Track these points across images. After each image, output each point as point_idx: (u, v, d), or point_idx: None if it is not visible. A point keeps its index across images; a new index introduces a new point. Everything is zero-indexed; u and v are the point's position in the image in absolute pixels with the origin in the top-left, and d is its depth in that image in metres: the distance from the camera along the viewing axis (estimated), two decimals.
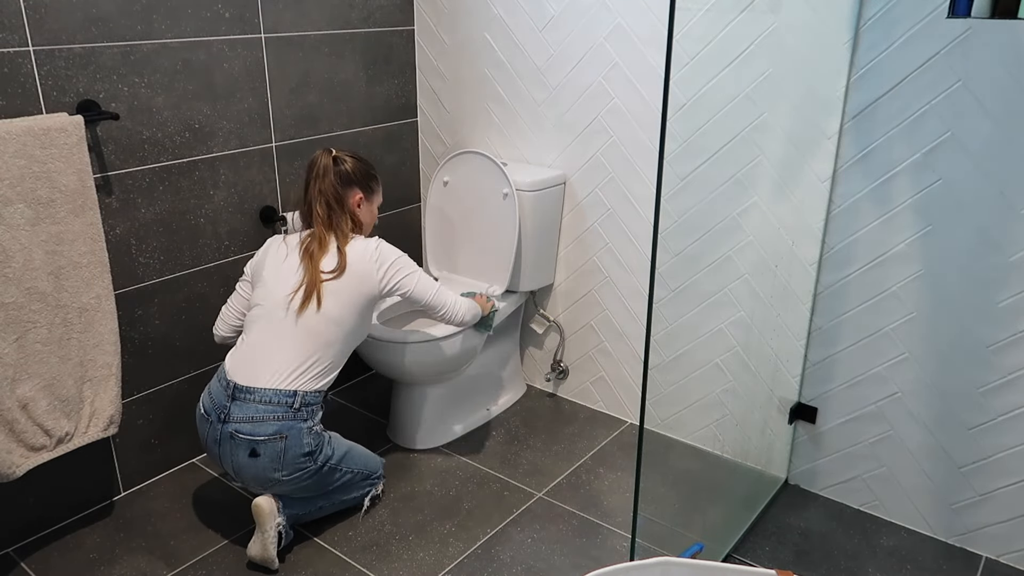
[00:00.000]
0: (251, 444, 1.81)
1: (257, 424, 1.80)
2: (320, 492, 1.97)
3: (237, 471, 1.86)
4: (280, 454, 1.81)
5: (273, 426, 1.81)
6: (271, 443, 1.81)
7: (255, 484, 1.88)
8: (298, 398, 1.83)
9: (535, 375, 2.77)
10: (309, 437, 1.85)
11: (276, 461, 1.82)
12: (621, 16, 2.18)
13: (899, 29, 1.76)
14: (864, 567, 1.93)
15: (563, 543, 2.00)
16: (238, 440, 1.81)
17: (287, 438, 1.81)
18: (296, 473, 1.85)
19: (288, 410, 1.82)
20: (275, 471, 1.83)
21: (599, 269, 2.47)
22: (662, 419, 2.32)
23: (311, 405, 1.87)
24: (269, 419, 1.81)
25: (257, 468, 1.82)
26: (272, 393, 1.82)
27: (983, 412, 1.87)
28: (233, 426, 1.81)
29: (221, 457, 1.86)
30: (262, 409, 1.81)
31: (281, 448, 1.81)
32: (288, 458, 1.82)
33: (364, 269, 1.91)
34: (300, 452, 1.83)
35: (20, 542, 1.99)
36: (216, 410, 1.85)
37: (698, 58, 1.61)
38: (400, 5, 2.57)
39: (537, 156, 2.50)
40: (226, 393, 1.84)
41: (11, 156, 1.68)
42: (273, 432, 1.80)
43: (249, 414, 1.81)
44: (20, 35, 1.74)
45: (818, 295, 2.05)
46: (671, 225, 1.97)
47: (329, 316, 1.87)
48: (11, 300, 1.73)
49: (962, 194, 1.77)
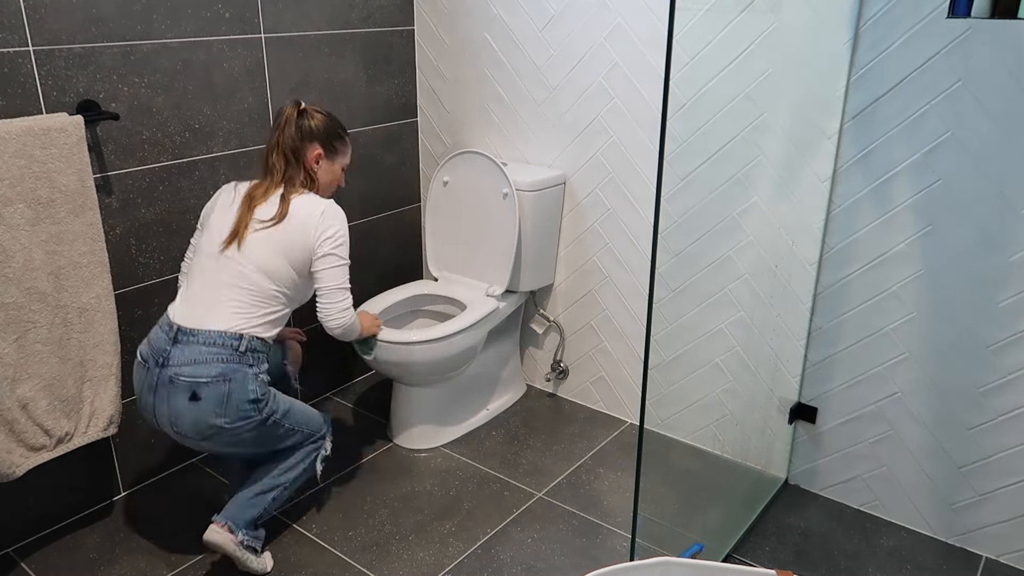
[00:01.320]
0: (192, 387, 1.69)
1: (200, 366, 1.70)
2: (261, 450, 1.85)
3: (174, 419, 1.72)
4: (224, 398, 1.70)
5: (217, 368, 1.70)
6: (214, 385, 1.70)
7: (193, 433, 1.73)
8: (244, 341, 1.74)
9: (535, 375, 2.77)
10: (255, 384, 1.75)
11: (219, 406, 1.70)
12: (621, 16, 2.18)
13: (899, 29, 1.76)
14: (864, 567, 1.93)
15: (563, 543, 2.00)
16: (178, 384, 1.70)
17: (231, 381, 1.71)
18: (239, 422, 1.73)
19: (233, 352, 1.73)
20: (217, 416, 1.71)
21: (599, 269, 2.47)
22: (662, 419, 2.32)
23: (257, 352, 1.77)
24: (213, 361, 1.71)
25: (197, 413, 1.70)
26: (217, 335, 1.73)
27: (983, 412, 1.87)
28: (173, 369, 1.70)
29: (156, 407, 1.74)
30: (205, 351, 1.71)
31: (225, 391, 1.70)
32: (232, 403, 1.71)
33: (304, 225, 1.81)
34: (246, 399, 1.73)
35: (20, 542, 1.99)
36: (155, 355, 1.74)
37: (698, 58, 1.61)
38: (400, 5, 2.57)
39: (537, 156, 2.50)
40: (168, 337, 1.74)
41: (11, 156, 1.68)
42: (217, 374, 1.70)
43: (192, 356, 1.71)
44: (20, 35, 1.74)
45: (818, 295, 2.05)
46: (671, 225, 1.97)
47: (259, 265, 1.78)
48: (11, 300, 1.73)
49: (962, 194, 1.77)
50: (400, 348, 2.17)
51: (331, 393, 2.72)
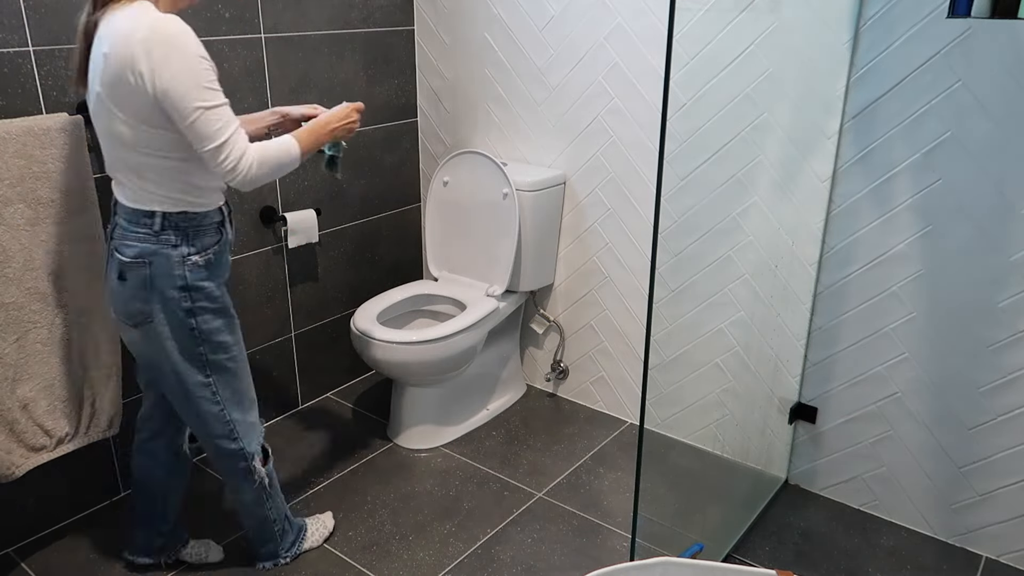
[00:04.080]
0: (120, 265, 1.52)
1: (123, 244, 1.52)
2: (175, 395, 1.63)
3: (111, 298, 1.58)
4: (146, 282, 1.51)
5: (135, 248, 1.50)
6: (135, 268, 1.51)
7: (125, 317, 1.56)
8: (157, 219, 1.49)
9: (535, 375, 2.77)
10: (183, 268, 1.51)
11: (143, 289, 1.51)
12: (621, 16, 2.18)
13: (899, 29, 1.76)
14: (864, 567, 1.93)
15: (563, 543, 2.00)
16: (113, 259, 1.54)
17: (152, 264, 1.50)
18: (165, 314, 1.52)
19: (148, 232, 1.49)
20: (141, 301, 1.52)
21: (599, 269, 2.47)
22: (662, 419, 2.32)
23: (181, 229, 1.50)
24: (132, 239, 1.51)
25: (125, 294, 1.53)
26: (129, 211, 1.51)
27: (983, 412, 1.87)
28: (114, 242, 1.55)
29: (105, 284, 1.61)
30: (127, 229, 1.52)
31: (147, 275, 1.50)
32: (157, 288, 1.51)
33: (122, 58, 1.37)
34: (172, 284, 1.51)
35: (20, 542, 1.99)
36: (110, 227, 1.58)
37: (698, 58, 1.61)
38: (400, 5, 2.57)
39: (537, 156, 2.50)
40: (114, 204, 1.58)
41: (11, 156, 1.68)
42: (135, 255, 1.50)
43: (121, 232, 1.53)
44: (20, 35, 1.74)
45: (818, 295, 2.05)
46: (671, 225, 1.97)
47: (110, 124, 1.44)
48: (11, 300, 1.73)
49: (962, 194, 1.77)
50: (400, 348, 2.17)
51: (331, 393, 2.72)
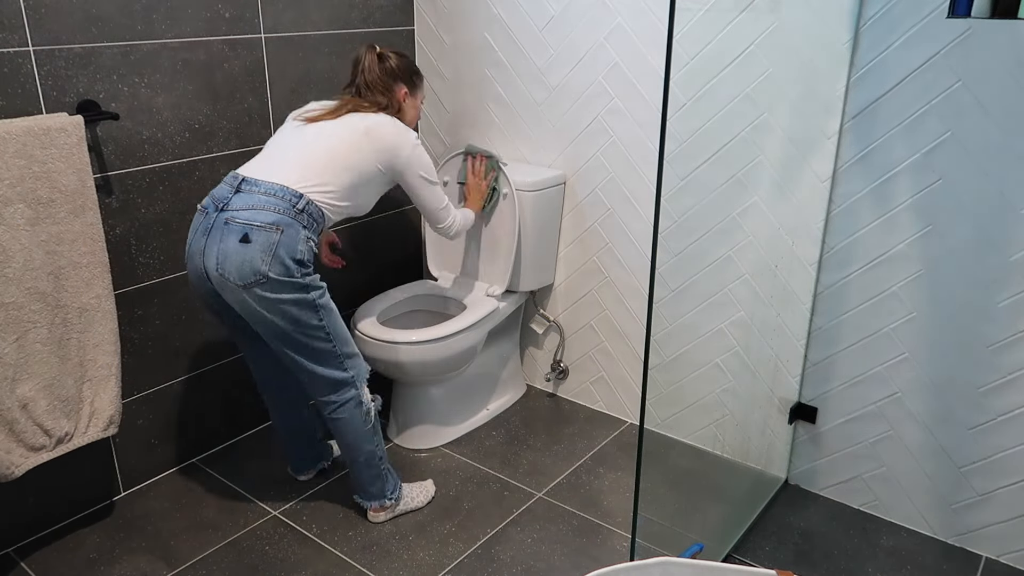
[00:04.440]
0: (245, 229, 1.71)
1: (256, 212, 1.73)
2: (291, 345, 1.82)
3: (222, 259, 1.72)
4: (272, 246, 1.71)
5: (272, 216, 1.72)
6: (266, 231, 1.71)
7: (237, 277, 1.72)
8: (303, 200, 1.76)
9: (535, 375, 2.77)
10: (304, 246, 1.76)
11: (266, 252, 1.71)
12: (621, 16, 2.18)
13: (899, 29, 1.76)
14: (864, 567, 1.93)
15: (563, 543, 2.00)
16: (232, 226, 1.72)
17: (283, 232, 1.72)
18: (281, 277, 1.73)
19: (291, 208, 1.75)
20: (263, 263, 1.71)
21: (599, 269, 2.47)
22: (662, 419, 2.32)
23: (313, 218, 1.79)
24: (270, 209, 1.73)
25: (244, 255, 1.70)
26: (279, 187, 1.76)
27: (983, 412, 1.87)
28: (230, 213, 1.73)
29: (207, 248, 1.75)
30: (264, 200, 1.74)
31: (275, 240, 1.71)
32: (278, 254, 1.72)
33: (391, 141, 1.88)
34: (292, 256, 1.74)
35: (20, 542, 1.99)
36: (216, 202, 1.77)
37: (698, 58, 1.61)
38: (400, 5, 2.57)
39: (537, 156, 2.50)
40: (231, 187, 1.78)
41: (11, 156, 1.68)
42: (271, 221, 1.72)
43: (250, 203, 1.74)
44: (20, 35, 1.74)
45: (818, 295, 2.05)
46: (671, 225, 1.98)
47: (337, 139, 1.83)
48: (11, 300, 1.73)
49: (962, 194, 1.77)
50: (399, 348, 2.17)
51: None
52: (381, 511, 2.06)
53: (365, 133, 1.86)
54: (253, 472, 2.28)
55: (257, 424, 2.50)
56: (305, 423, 2.16)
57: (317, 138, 1.85)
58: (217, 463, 2.32)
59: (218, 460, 2.33)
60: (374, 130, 1.87)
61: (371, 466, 1.99)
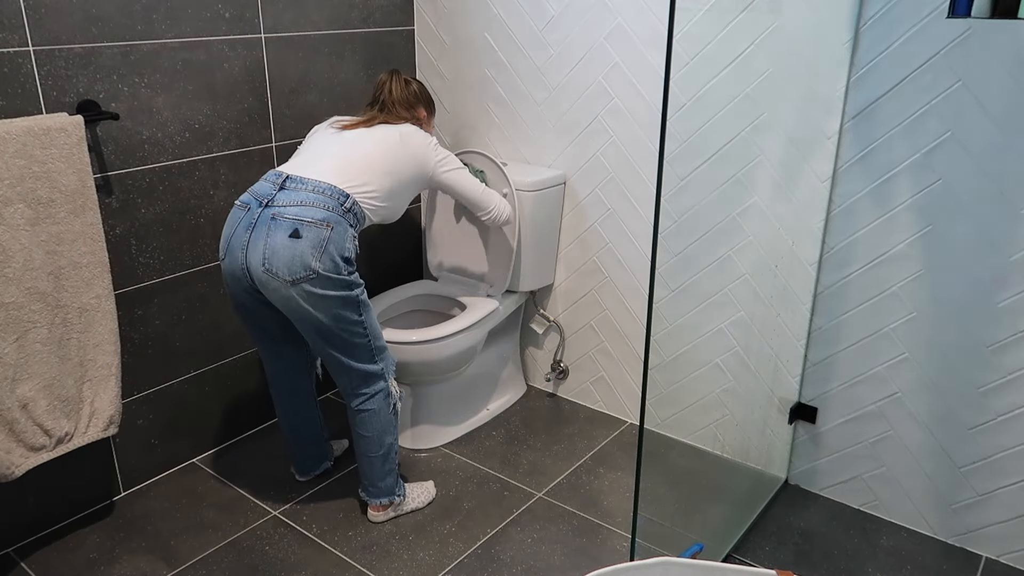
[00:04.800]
0: (295, 224, 1.72)
1: (305, 208, 1.74)
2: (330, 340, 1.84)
3: (269, 255, 1.72)
4: (323, 242, 1.73)
5: (322, 213, 1.74)
6: (317, 228, 1.73)
7: (286, 272, 1.72)
8: (349, 200, 1.80)
9: (535, 375, 2.77)
10: (351, 244, 1.80)
11: (317, 248, 1.72)
12: (621, 16, 2.18)
13: (899, 29, 1.76)
14: (864, 567, 1.93)
15: (563, 543, 2.00)
16: (280, 221, 1.73)
17: (333, 229, 1.75)
18: (331, 274, 1.75)
19: (339, 206, 1.78)
20: (314, 258, 1.72)
21: (599, 269, 2.47)
22: (662, 419, 2.32)
23: (357, 217, 1.83)
24: (319, 206, 1.75)
25: (295, 250, 1.71)
26: (327, 186, 1.78)
27: (983, 412, 1.87)
28: (277, 208, 1.75)
29: (251, 243, 1.75)
30: (313, 197, 1.76)
31: (326, 236, 1.73)
32: (328, 251, 1.74)
33: (422, 148, 1.97)
34: (341, 253, 1.77)
35: (20, 542, 1.99)
36: (259, 198, 1.78)
37: (698, 58, 1.61)
38: (400, 5, 2.57)
39: (537, 156, 2.50)
40: (275, 184, 1.80)
41: (11, 156, 1.68)
42: (321, 218, 1.74)
43: (298, 199, 1.75)
44: (20, 35, 1.74)
45: (818, 295, 2.05)
46: (671, 225, 1.98)
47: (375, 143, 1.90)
48: (11, 300, 1.73)
49: (962, 194, 1.77)
50: (400, 348, 2.17)
51: (331, 393, 2.72)
52: (383, 510, 2.06)
53: (400, 138, 1.94)
54: (253, 472, 2.28)
55: (257, 424, 2.50)
56: (312, 423, 2.16)
57: (356, 143, 1.90)
58: (217, 463, 2.32)
59: (218, 460, 2.33)
60: (408, 136, 1.96)
61: (387, 460, 2.00)
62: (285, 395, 2.09)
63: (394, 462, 2.03)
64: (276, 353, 2.03)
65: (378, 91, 2.06)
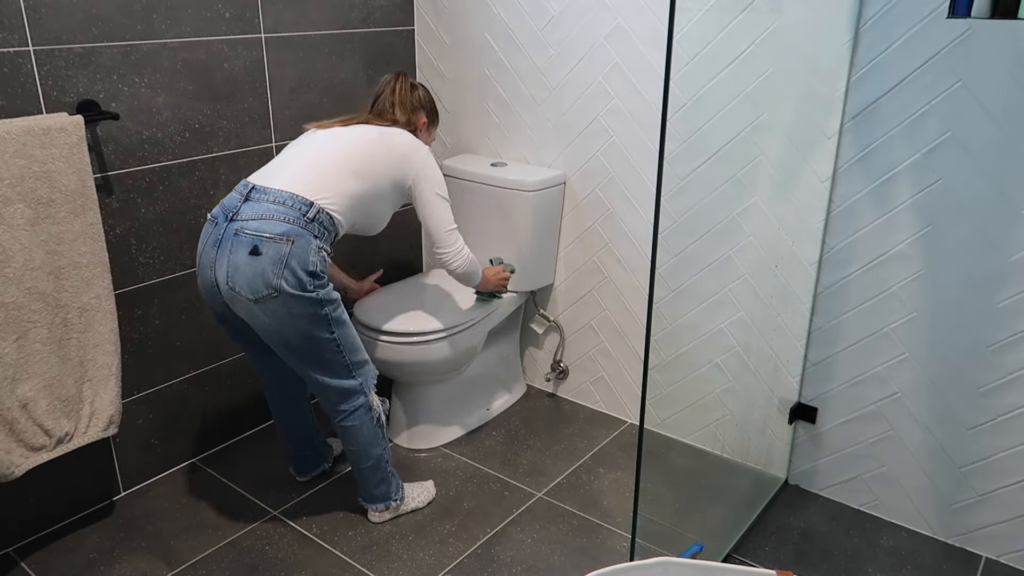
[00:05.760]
0: (254, 241, 1.69)
1: (265, 222, 1.71)
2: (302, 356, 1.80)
3: (232, 272, 1.71)
4: (283, 258, 1.69)
5: (282, 227, 1.70)
6: (276, 243, 1.69)
7: (247, 291, 1.70)
8: (313, 209, 1.74)
9: (535, 375, 2.77)
10: (316, 256, 1.73)
11: (277, 265, 1.69)
12: (621, 16, 2.18)
13: (899, 29, 1.76)
14: (864, 567, 1.93)
15: (563, 543, 2.00)
16: (241, 237, 1.70)
17: (293, 243, 1.70)
18: (294, 291, 1.71)
19: (301, 217, 1.72)
20: (275, 276, 1.68)
21: (599, 269, 2.47)
22: (662, 419, 2.32)
23: (325, 226, 1.77)
24: (279, 219, 1.71)
25: (255, 268, 1.68)
26: (288, 196, 1.74)
27: (983, 412, 1.87)
28: (240, 223, 1.72)
29: (217, 260, 1.73)
30: (273, 209, 1.72)
31: (286, 252, 1.69)
32: (291, 266, 1.70)
33: (405, 149, 1.90)
34: (305, 268, 1.71)
35: (20, 542, 1.99)
36: (226, 212, 1.76)
37: (698, 58, 1.61)
38: (400, 5, 2.57)
39: (537, 156, 2.50)
40: (240, 195, 1.77)
41: (11, 156, 1.68)
42: (280, 232, 1.69)
43: (259, 212, 1.72)
44: (20, 35, 1.74)
45: (818, 295, 2.05)
46: (671, 225, 1.98)
47: (348, 146, 1.83)
48: (11, 300, 1.73)
49: (962, 194, 1.77)
50: (399, 347, 2.17)
51: None
52: (383, 512, 2.06)
53: (379, 136, 1.88)
54: (253, 472, 2.28)
55: (257, 424, 2.50)
56: (307, 424, 2.16)
57: (326, 144, 1.85)
58: (217, 463, 2.32)
59: (218, 460, 2.33)
60: (388, 136, 1.90)
61: (378, 470, 1.99)
62: (278, 399, 2.09)
63: (386, 471, 2.01)
64: (264, 360, 2.01)
65: (380, 91, 2.02)
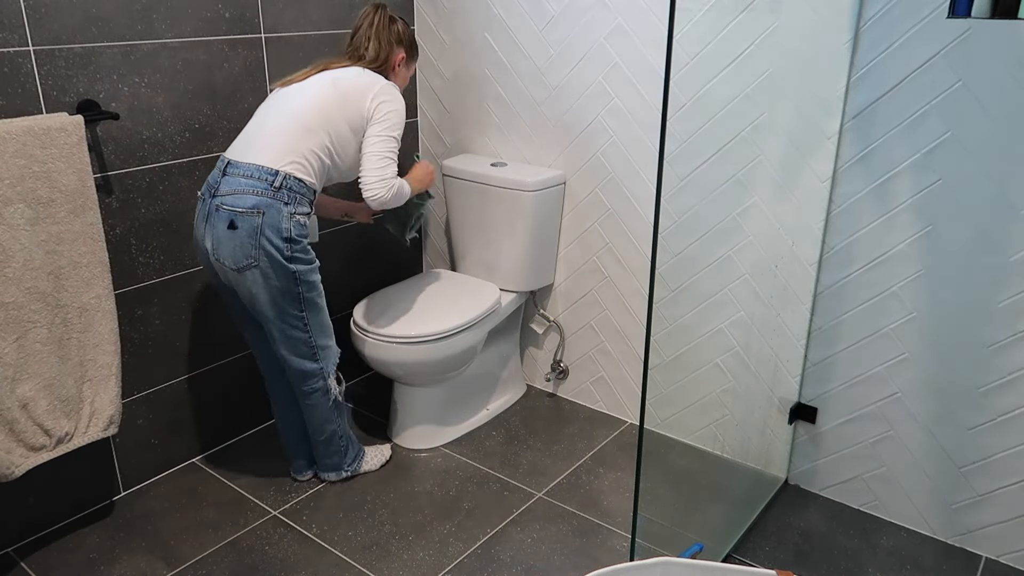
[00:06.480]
0: (230, 216, 1.80)
1: (238, 196, 1.81)
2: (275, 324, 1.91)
3: (216, 246, 1.84)
4: (256, 230, 1.80)
5: (251, 199, 1.80)
6: (248, 217, 1.80)
7: (230, 261, 1.83)
8: (279, 177, 1.82)
9: (535, 375, 2.77)
10: (289, 223, 1.83)
11: (252, 236, 1.80)
12: (621, 16, 2.18)
13: (899, 29, 1.76)
14: (864, 567, 1.93)
15: (563, 543, 2.00)
16: (221, 212, 1.82)
17: (264, 214, 1.80)
18: (275, 255, 1.82)
19: (268, 187, 1.81)
20: (252, 247, 1.80)
21: (599, 269, 2.47)
22: (662, 419, 2.32)
23: (294, 192, 1.84)
24: (249, 192, 1.81)
25: (235, 241, 1.81)
26: (255, 168, 1.82)
27: (983, 412, 1.87)
28: (219, 199, 1.82)
29: (205, 235, 1.86)
30: (244, 183, 1.82)
31: (258, 224, 1.80)
32: (266, 235, 1.80)
33: (368, 86, 1.92)
34: (280, 235, 1.82)
35: (20, 542, 1.99)
36: (209, 188, 1.86)
37: (698, 58, 1.61)
38: (400, 5, 2.57)
39: (537, 156, 2.50)
40: (220, 171, 1.87)
41: (11, 156, 1.68)
42: (251, 206, 1.80)
43: (233, 187, 1.82)
44: (20, 35, 1.74)
45: (818, 295, 2.05)
46: (671, 225, 1.98)
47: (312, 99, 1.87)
48: (11, 300, 1.73)
49: (962, 194, 1.77)
50: (399, 347, 2.17)
51: None
52: (334, 478, 2.22)
53: (332, 84, 1.91)
54: (253, 472, 2.28)
55: (257, 424, 2.51)
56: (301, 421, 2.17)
57: (285, 103, 1.89)
58: (217, 463, 2.32)
59: (218, 460, 2.34)
60: (341, 81, 1.92)
61: (331, 443, 2.14)
62: (277, 388, 2.13)
63: (338, 444, 2.15)
64: (262, 341, 2.07)
65: (358, 24, 2.02)
